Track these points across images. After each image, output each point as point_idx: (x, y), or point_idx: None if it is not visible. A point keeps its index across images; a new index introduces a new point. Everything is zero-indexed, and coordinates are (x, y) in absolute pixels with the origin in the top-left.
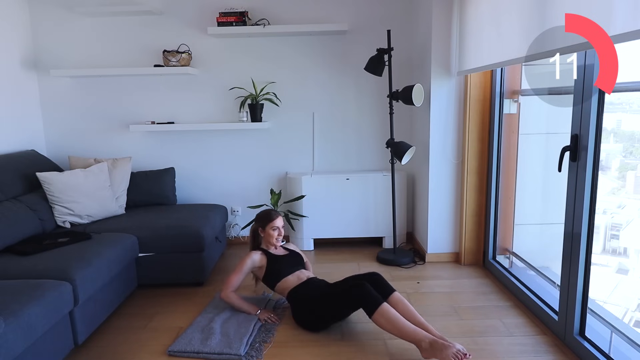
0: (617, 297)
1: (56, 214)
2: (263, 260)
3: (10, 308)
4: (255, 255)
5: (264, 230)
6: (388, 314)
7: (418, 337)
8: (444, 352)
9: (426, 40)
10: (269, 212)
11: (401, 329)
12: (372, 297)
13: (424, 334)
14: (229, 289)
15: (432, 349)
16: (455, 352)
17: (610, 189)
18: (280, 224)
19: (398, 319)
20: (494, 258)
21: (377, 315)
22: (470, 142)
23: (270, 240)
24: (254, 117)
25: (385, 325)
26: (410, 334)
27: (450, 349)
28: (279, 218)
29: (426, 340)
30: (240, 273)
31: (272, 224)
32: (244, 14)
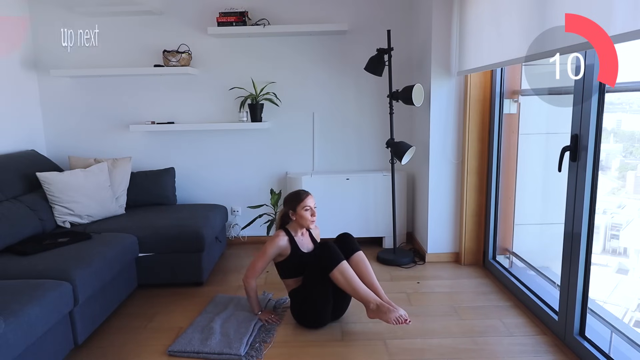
0: (617, 297)
1: (56, 214)
2: (287, 250)
3: (10, 308)
4: (283, 241)
5: (295, 212)
6: (346, 272)
7: (368, 298)
8: (387, 314)
9: (426, 40)
10: (299, 192)
11: (355, 288)
12: (334, 254)
13: (373, 297)
14: (254, 275)
15: (378, 311)
16: (397, 317)
17: (610, 189)
18: (313, 203)
19: (353, 278)
20: (494, 258)
21: (335, 272)
22: (470, 142)
23: (304, 223)
24: (254, 117)
25: (341, 282)
26: (362, 294)
27: (394, 313)
28: (311, 197)
29: (374, 302)
30: (265, 258)
31: (304, 203)
32: (244, 14)
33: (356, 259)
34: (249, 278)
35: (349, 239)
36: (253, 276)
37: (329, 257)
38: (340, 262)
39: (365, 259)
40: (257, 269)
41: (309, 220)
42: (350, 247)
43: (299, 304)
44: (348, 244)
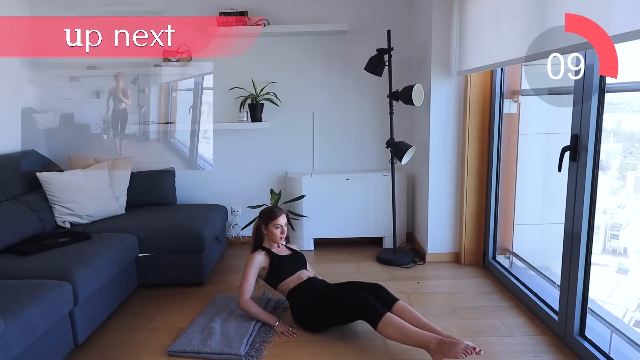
0: (617, 297)
1: (56, 214)
2: (266, 261)
3: (10, 308)
4: (259, 256)
5: (267, 228)
6: (393, 323)
7: (426, 339)
8: (452, 349)
9: (426, 40)
10: (272, 210)
11: (408, 335)
12: (375, 308)
13: (431, 336)
14: (244, 296)
15: (441, 349)
16: (464, 348)
17: (610, 189)
18: (284, 222)
19: (403, 325)
20: (494, 258)
21: (381, 326)
22: (470, 142)
23: (273, 238)
24: (254, 117)
25: (392, 335)
26: (417, 339)
27: (459, 345)
28: (283, 216)
29: (434, 341)
30: (249, 278)
31: (276, 221)
32: (244, 14)
33: (399, 307)
34: (242, 302)
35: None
36: (244, 297)
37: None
38: (384, 315)
39: (407, 305)
40: (245, 290)
41: (277, 237)
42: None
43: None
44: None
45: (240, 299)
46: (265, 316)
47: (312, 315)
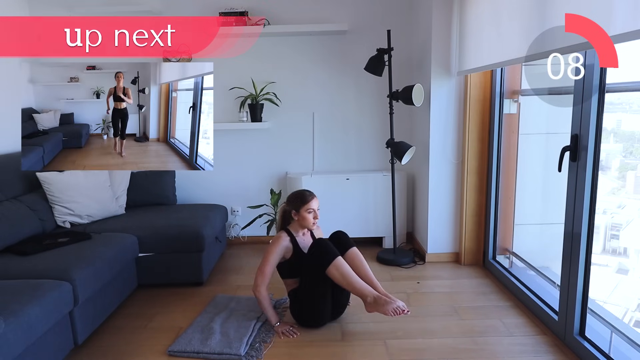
0: (617, 297)
1: (56, 214)
2: (289, 252)
3: (10, 308)
4: (285, 241)
5: (299, 213)
6: (341, 267)
7: (364, 292)
8: (385, 306)
9: (426, 40)
10: (304, 193)
11: (350, 282)
12: (329, 250)
13: (370, 290)
14: (264, 281)
15: (375, 304)
16: (394, 308)
17: (610, 189)
18: (317, 205)
19: (349, 273)
20: (494, 258)
21: (330, 268)
22: (470, 142)
23: (305, 224)
24: (254, 117)
25: (337, 278)
26: (358, 288)
27: (391, 304)
28: (315, 199)
29: (371, 295)
30: (271, 261)
31: (308, 205)
32: (244, 14)
33: (351, 254)
34: (259, 286)
35: (343, 236)
36: (263, 282)
37: (324, 253)
38: (335, 258)
39: (359, 254)
40: (266, 273)
41: (311, 222)
42: (344, 244)
43: (298, 304)
44: (342, 241)
45: (258, 284)
46: (271, 312)
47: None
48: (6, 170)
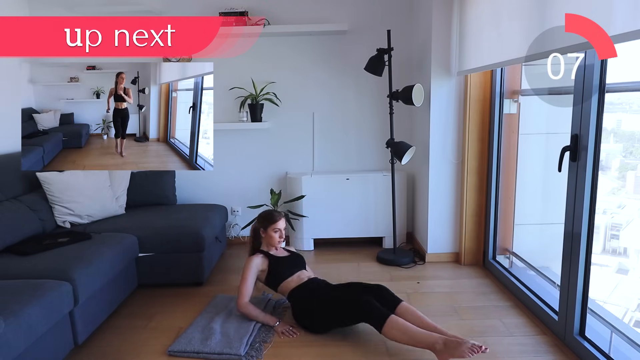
0: (617, 297)
1: (56, 214)
2: (265, 263)
3: (10, 308)
4: (257, 258)
5: (266, 231)
6: (398, 325)
7: (432, 340)
8: (458, 349)
9: (426, 40)
10: (272, 213)
11: (413, 336)
12: (379, 310)
13: (437, 336)
14: (244, 299)
15: (447, 349)
16: (470, 347)
17: (610, 189)
18: (283, 225)
19: (409, 327)
20: (494, 258)
21: (386, 328)
22: (470, 142)
23: (271, 242)
24: (254, 117)
25: (398, 337)
26: (423, 340)
27: (466, 345)
28: (282, 220)
29: (440, 341)
30: (248, 280)
31: (275, 225)
32: (244, 14)
33: (402, 308)
34: (241, 304)
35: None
36: (244, 299)
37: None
38: (388, 317)
39: (411, 307)
40: (244, 292)
41: (276, 241)
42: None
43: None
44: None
45: (240, 302)
46: (264, 318)
47: (314, 316)
48: (6, 170)
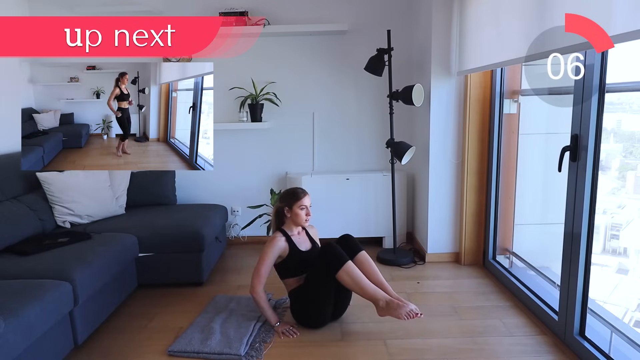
0: (617, 297)
1: (56, 214)
2: (285, 251)
3: (10, 308)
4: (281, 241)
5: (291, 210)
6: (352, 272)
7: (376, 296)
8: (397, 310)
9: (426, 40)
10: (296, 190)
11: (362, 287)
12: (339, 255)
13: (382, 294)
14: (261, 281)
15: (388, 308)
16: (407, 311)
17: (610, 189)
18: (308, 202)
19: (360, 277)
20: (494, 258)
21: (341, 272)
22: (470, 142)
23: (298, 221)
24: (254, 117)
25: (348, 282)
26: (369, 293)
27: (404, 308)
28: (307, 196)
29: (383, 299)
30: (267, 262)
31: (300, 202)
32: (244, 14)
33: (360, 258)
34: (256, 287)
35: (351, 239)
36: (260, 283)
37: (334, 258)
38: (345, 263)
39: (369, 258)
40: (262, 274)
41: (304, 219)
42: (353, 247)
43: (299, 304)
44: (351, 245)
45: (255, 285)
46: (270, 313)
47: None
48: (6, 170)
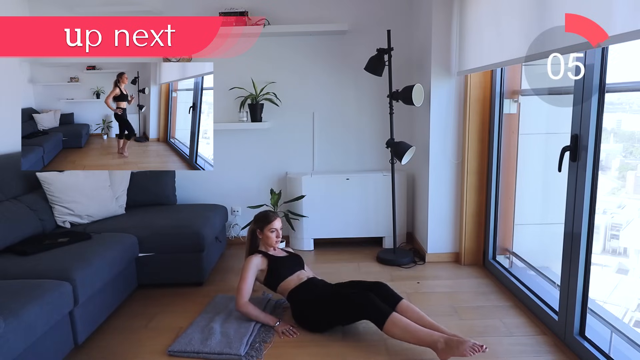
0: (617, 297)
1: (56, 214)
2: (264, 263)
3: (10, 308)
4: (256, 258)
5: (262, 232)
6: (400, 322)
7: (433, 338)
8: (460, 348)
9: (426, 40)
10: (267, 214)
11: (415, 334)
12: (380, 308)
13: (438, 335)
14: (243, 298)
15: (449, 347)
16: (471, 346)
17: (610, 189)
18: (279, 225)
19: (410, 325)
20: (494, 258)
21: (388, 326)
22: (470, 142)
23: (269, 242)
24: (254, 117)
25: (399, 334)
26: (425, 338)
27: (467, 344)
28: (278, 220)
29: (441, 340)
30: (247, 280)
31: (271, 225)
32: (244, 14)
33: (403, 306)
34: (241, 304)
35: (386, 290)
36: (243, 297)
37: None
38: (390, 315)
39: (411, 304)
40: (243, 291)
41: (274, 241)
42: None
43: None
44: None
45: (239, 301)
46: (264, 317)
47: (314, 315)
48: (6, 170)
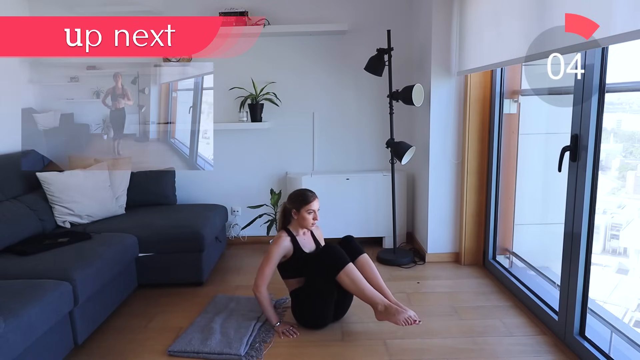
0: (617, 297)
1: (56, 214)
2: (290, 251)
3: (10, 308)
4: (286, 241)
5: (299, 213)
6: (352, 274)
7: (375, 300)
8: (396, 316)
9: (426, 40)
10: (306, 193)
11: (362, 290)
12: (340, 256)
13: (381, 298)
14: (265, 281)
15: (386, 313)
16: (406, 317)
17: (610, 189)
18: (317, 206)
19: (361, 280)
20: (494, 258)
21: (341, 274)
22: (470, 142)
23: (304, 224)
24: (254, 117)
25: (348, 284)
26: (369, 296)
27: (402, 314)
28: (316, 200)
29: (382, 303)
30: (272, 262)
31: (309, 206)
32: (244, 14)
33: (362, 261)
34: (260, 286)
35: (353, 241)
36: (264, 283)
37: (334, 259)
38: (346, 265)
39: (370, 261)
40: (266, 274)
41: (310, 223)
42: (354, 249)
43: (301, 305)
44: (352, 247)
45: (257, 283)
46: (271, 312)
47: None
48: (6, 170)
